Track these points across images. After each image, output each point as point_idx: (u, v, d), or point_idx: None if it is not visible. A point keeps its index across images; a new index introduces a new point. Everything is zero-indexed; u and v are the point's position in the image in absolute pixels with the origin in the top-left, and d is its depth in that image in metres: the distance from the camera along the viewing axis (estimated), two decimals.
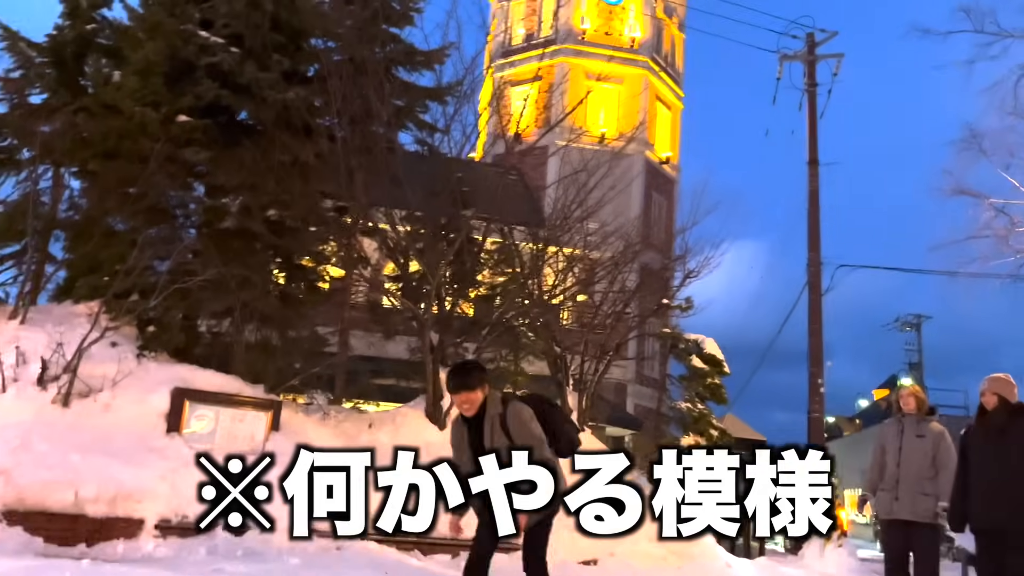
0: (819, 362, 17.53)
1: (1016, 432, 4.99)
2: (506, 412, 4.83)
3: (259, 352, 10.82)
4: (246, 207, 10.54)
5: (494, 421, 4.83)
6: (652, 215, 25.31)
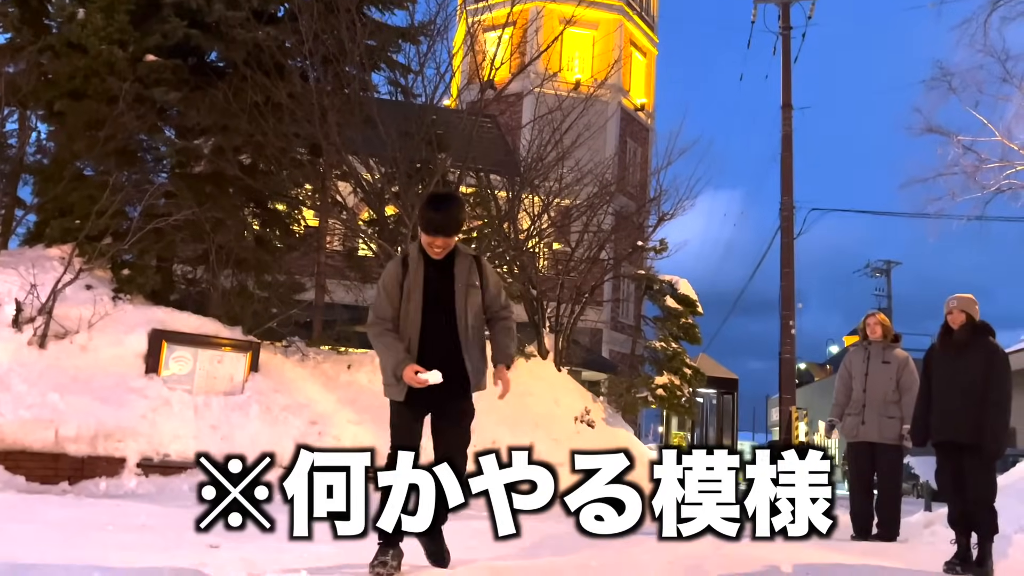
0: (791, 304, 17.85)
1: (977, 348, 5.17)
2: (478, 257, 4.17)
3: (235, 296, 10.82)
4: (218, 148, 10.44)
5: (471, 265, 4.03)
6: (627, 162, 25.34)
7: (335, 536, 3.31)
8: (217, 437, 8.94)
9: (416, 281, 3.91)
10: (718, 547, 5.64)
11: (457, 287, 3.93)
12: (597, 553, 4.91)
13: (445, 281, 3.95)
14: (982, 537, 5.06)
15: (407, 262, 3.99)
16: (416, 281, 3.91)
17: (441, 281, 3.94)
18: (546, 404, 11.90)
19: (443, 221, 3.88)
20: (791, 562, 4.44)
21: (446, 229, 3.89)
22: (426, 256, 3.96)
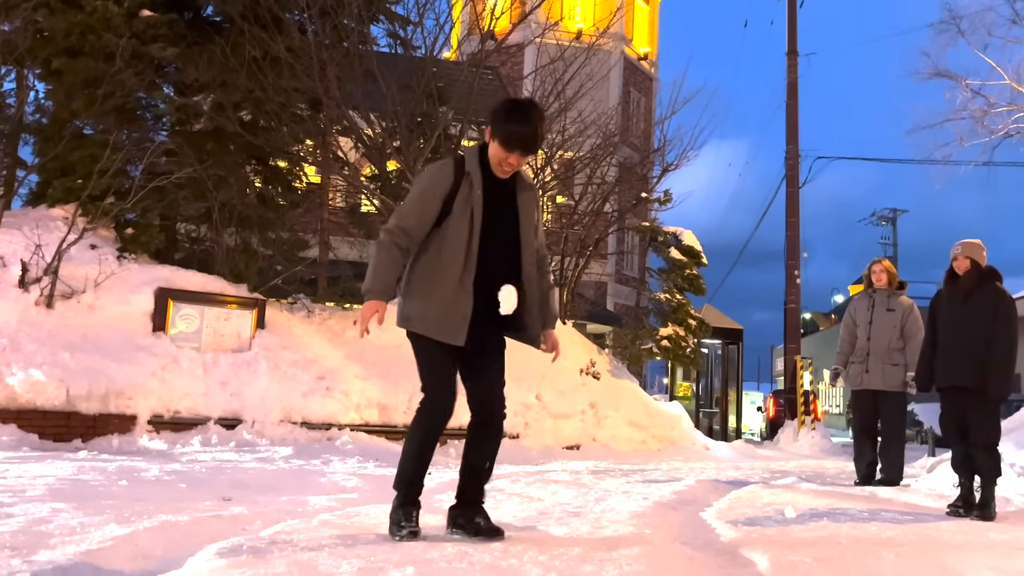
0: (796, 254, 17.80)
1: (983, 294, 5.16)
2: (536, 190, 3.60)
3: (240, 254, 10.83)
4: (218, 105, 10.35)
5: (536, 198, 3.49)
6: (631, 112, 25.07)
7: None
8: (227, 394, 9.04)
9: (471, 200, 3.22)
10: (720, 491, 5.75)
11: (523, 219, 3.34)
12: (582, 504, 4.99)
13: (508, 208, 3.32)
14: (985, 480, 5.10)
15: (461, 173, 3.26)
16: (471, 200, 3.22)
17: (503, 207, 3.30)
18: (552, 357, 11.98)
19: (531, 136, 3.25)
20: (796, 506, 4.50)
21: (532, 145, 3.31)
22: (486, 172, 3.28)
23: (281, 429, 9.16)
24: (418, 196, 3.29)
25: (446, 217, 3.23)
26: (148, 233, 10.05)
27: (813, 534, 3.57)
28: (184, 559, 2.47)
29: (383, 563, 2.50)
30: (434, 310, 3.22)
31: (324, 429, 9.35)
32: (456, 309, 3.21)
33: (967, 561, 3.11)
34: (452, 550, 2.88)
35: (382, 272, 3.19)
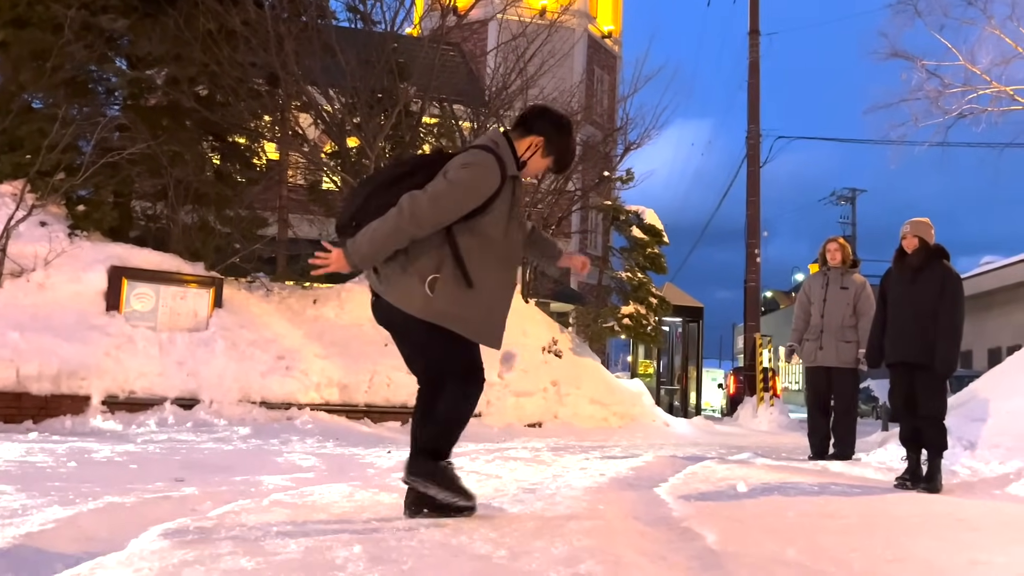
0: (756, 233, 17.99)
1: (931, 271, 5.27)
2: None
3: (196, 232, 10.64)
4: (172, 79, 10.12)
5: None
6: (595, 90, 25.03)
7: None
8: (183, 373, 8.92)
9: (515, 203, 3.19)
10: (677, 466, 5.83)
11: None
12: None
13: (518, 201, 3.29)
14: (931, 454, 5.23)
15: (504, 175, 3.13)
16: (515, 203, 3.19)
17: (517, 203, 3.27)
18: (514, 335, 11.97)
19: (575, 153, 3.38)
20: (748, 481, 4.57)
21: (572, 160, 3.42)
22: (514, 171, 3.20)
23: (240, 409, 9.06)
24: (464, 195, 3.04)
25: (479, 215, 3.09)
26: (101, 210, 9.83)
27: (763, 508, 3.63)
28: (128, 541, 2.43)
29: (331, 542, 2.49)
30: (477, 313, 3.13)
31: (284, 409, 9.28)
32: (500, 313, 3.21)
33: (908, 533, 3.18)
34: (403, 527, 2.87)
35: (385, 249, 3.02)
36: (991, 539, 3.16)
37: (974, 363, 27.02)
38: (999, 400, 6.50)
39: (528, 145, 3.21)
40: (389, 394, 10.13)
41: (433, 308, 3.07)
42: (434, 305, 3.06)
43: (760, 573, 2.45)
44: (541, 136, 3.22)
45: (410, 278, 3.05)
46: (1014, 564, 2.74)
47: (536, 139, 3.22)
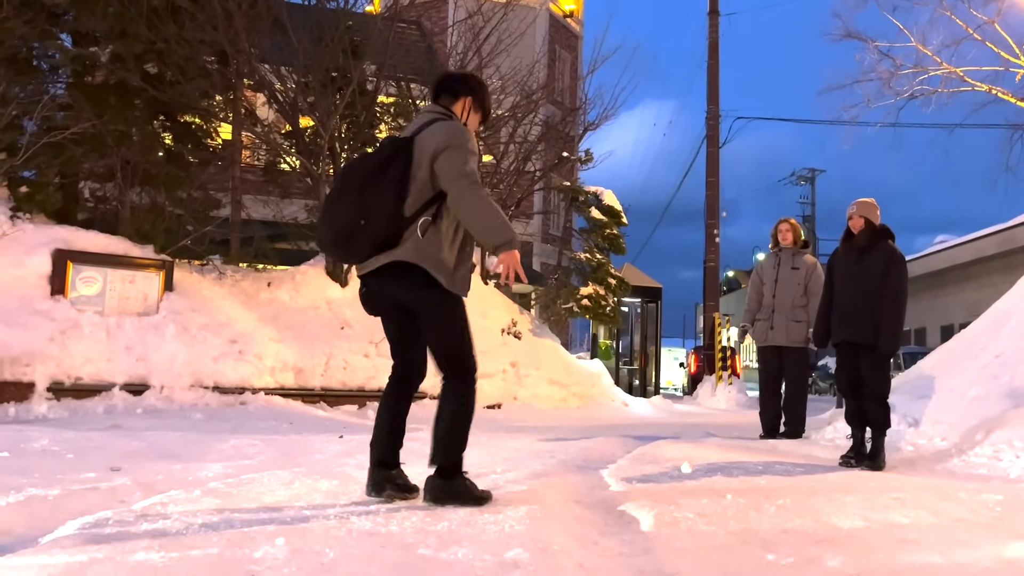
0: (715, 214, 18.11)
1: (877, 252, 5.32)
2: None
3: (146, 214, 10.40)
4: (118, 56, 9.83)
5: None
6: (557, 71, 24.92)
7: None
8: (132, 358, 8.74)
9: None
10: (627, 447, 5.85)
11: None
12: None
13: None
14: (875, 432, 5.31)
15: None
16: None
17: None
18: (473, 317, 11.77)
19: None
20: (693, 461, 4.60)
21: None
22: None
23: (192, 394, 8.92)
24: (474, 154, 3.17)
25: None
26: (44, 192, 9.56)
27: (702, 489, 3.65)
28: (43, 536, 2.36)
29: (256, 534, 2.44)
30: (466, 273, 3.28)
31: (237, 393, 9.15)
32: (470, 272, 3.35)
33: (841, 511, 3.22)
34: (335, 515, 2.83)
35: (504, 217, 3.11)
36: (924, 517, 3.20)
37: (928, 340, 27.61)
38: (943, 378, 6.62)
39: (462, 107, 3.38)
40: (345, 377, 10.04)
41: (455, 276, 3.19)
42: (454, 274, 3.18)
43: (689, 557, 2.45)
44: (469, 96, 3.42)
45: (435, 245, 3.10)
46: (941, 543, 2.78)
47: (466, 99, 3.41)
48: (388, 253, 3.11)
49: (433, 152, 3.10)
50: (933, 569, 2.50)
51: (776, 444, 6.51)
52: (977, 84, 13.69)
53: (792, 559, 2.49)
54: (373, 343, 10.38)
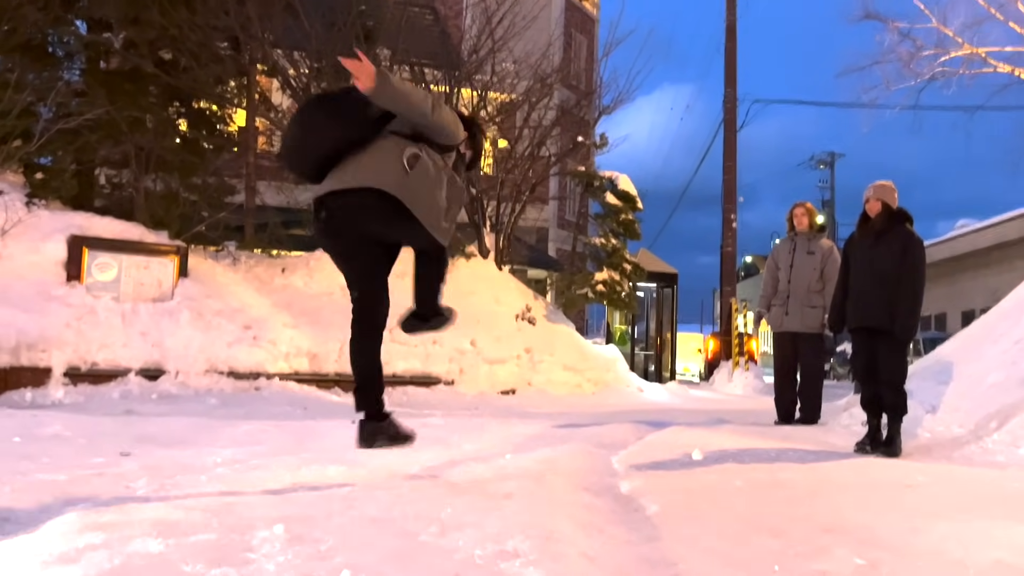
0: (732, 199, 17.94)
1: (894, 236, 5.22)
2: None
3: (161, 199, 10.44)
4: (131, 43, 9.83)
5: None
6: (572, 54, 24.72)
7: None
8: (147, 344, 8.78)
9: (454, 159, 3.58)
10: (639, 433, 5.80)
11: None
12: None
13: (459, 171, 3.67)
14: (891, 418, 5.23)
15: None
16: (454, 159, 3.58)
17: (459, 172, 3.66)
18: (487, 303, 11.92)
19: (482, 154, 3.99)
20: (705, 448, 4.54)
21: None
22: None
23: (206, 380, 8.96)
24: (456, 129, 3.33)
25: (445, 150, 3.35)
26: (60, 178, 9.61)
27: (712, 477, 3.60)
28: (46, 522, 2.35)
29: (257, 520, 2.42)
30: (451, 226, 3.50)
31: (252, 379, 9.18)
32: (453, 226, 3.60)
33: (854, 501, 3.16)
34: (338, 502, 2.81)
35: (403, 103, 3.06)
36: (936, 505, 3.14)
37: (948, 326, 27.29)
38: (963, 364, 6.51)
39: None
40: None
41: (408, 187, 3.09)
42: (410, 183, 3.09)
43: (695, 545, 2.41)
44: (465, 132, 3.48)
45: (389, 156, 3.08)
46: (953, 531, 2.72)
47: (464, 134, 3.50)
48: (361, 172, 3.06)
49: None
50: (947, 558, 2.44)
51: (791, 431, 6.45)
52: (999, 65, 13.42)
53: (802, 548, 2.44)
54: (388, 330, 10.37)
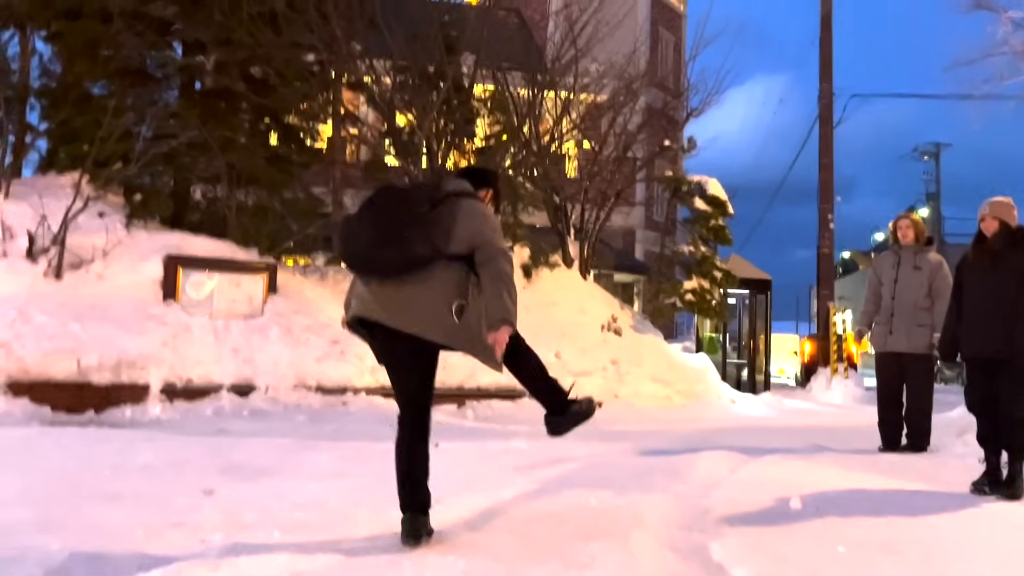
0: (829, 197, 17.18)
1: (1013, 258, 4.79)
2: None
3: (251, 216, 10.68)
4: (222, 64, 10.08)
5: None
6: (660, 53, 24.24)
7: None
8: (239, 360, 8.97)
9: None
10: (732, 465, 5.52)
11: None
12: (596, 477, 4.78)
13: None
14: (1012, 456, 4.80)
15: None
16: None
17: None
18: (571, 313, 11.73)
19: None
20: (802, 490, 4.25)
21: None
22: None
23: (295, 394, 9.09)
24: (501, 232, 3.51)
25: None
26: (158, 199, 9.94)
27: (813, 536, 3.33)
28: None
29: None
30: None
31: (339, 393, 9.27)
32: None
33: (975, 567, 2.85)
34: (408, 567, 2.69)
35: (516, 297, 3.31)
36: None
37: None
38: None
39: (485, 195, 3.67)
40: (444, 376, 9.84)
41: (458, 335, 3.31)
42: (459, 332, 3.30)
43: None
44: (491, 190, 3.73)
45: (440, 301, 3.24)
46: None
47: (488, 191, 3.70)
48: (411, 315, 3.23)
49: (470, 219, 3.28)
50: None
51: (898, 461, 6.03)
52: None
53: None
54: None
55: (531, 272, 11.49)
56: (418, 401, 3.42)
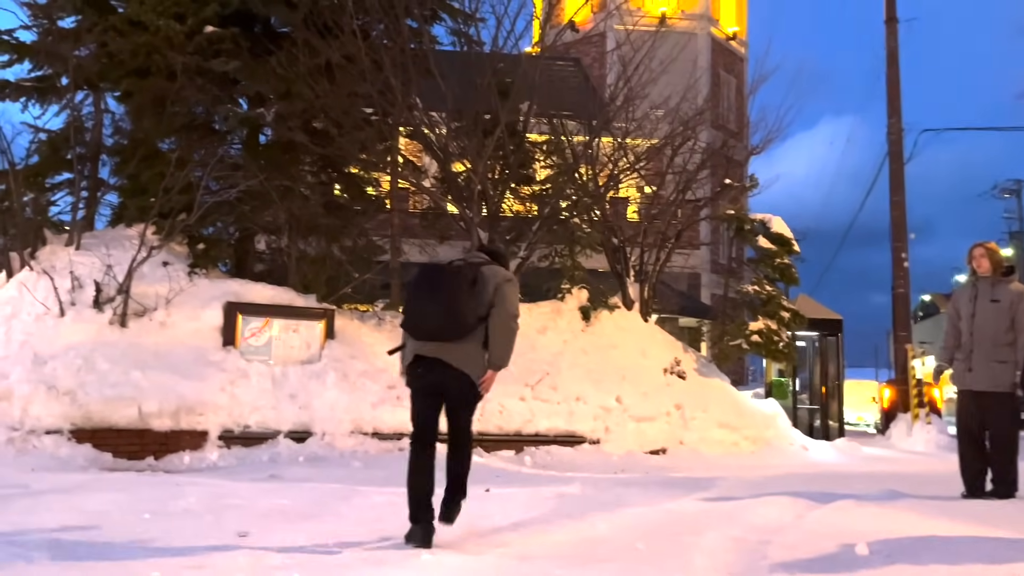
0: (902, 235, 16.52)
1: None
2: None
3: (311, 263, 10.81)
4: (282, 115, 10.33)
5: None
6: (722, 95, 24.07)
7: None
8: (296, 406, 8.98)
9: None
10: (798, 510, 5.17)
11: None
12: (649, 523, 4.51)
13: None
14: None
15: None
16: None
17: None
18: (632, 356, 11.44)
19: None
20: (872, 537, 3.91)
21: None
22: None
23: (352, 440, 9.03)
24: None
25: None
26: (218, 248, 10.15)
27: None
28: None
29: None
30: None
31: (395, 439, 9.16)
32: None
33: None
34: None
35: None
36: None
37: None
38: None
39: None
40: (501, 422, 9.85)
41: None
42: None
43: None
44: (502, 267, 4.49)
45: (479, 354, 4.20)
46: None
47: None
48: (449, 351, 4.11)
49: (496, 284, 4.17)
50: None
51: (983, 508, 5.56)
52: None
53: None
54: (528, 385, 10.15)
55: (590, 315, 11.28)
56: (431, 421, 4.20)
